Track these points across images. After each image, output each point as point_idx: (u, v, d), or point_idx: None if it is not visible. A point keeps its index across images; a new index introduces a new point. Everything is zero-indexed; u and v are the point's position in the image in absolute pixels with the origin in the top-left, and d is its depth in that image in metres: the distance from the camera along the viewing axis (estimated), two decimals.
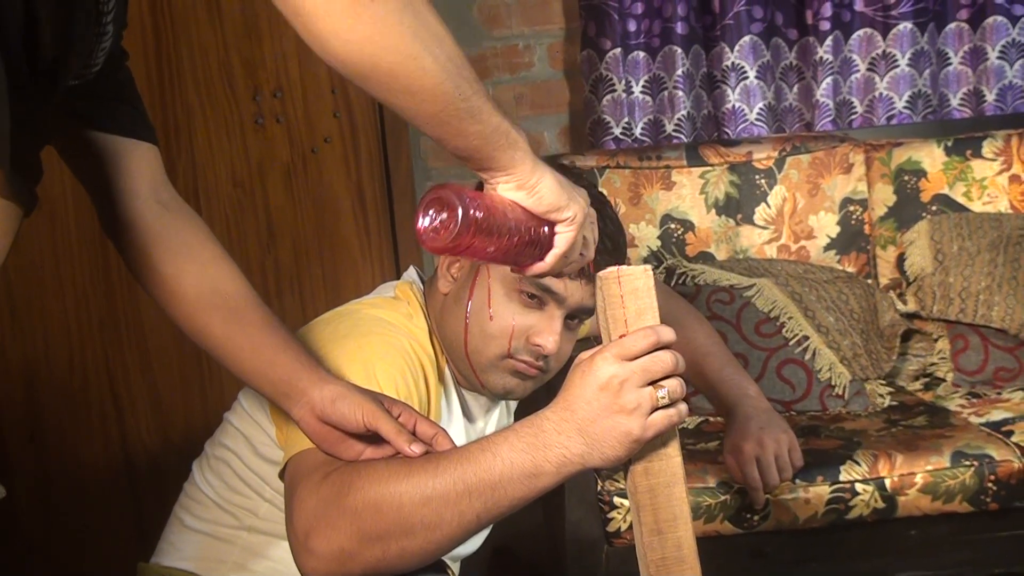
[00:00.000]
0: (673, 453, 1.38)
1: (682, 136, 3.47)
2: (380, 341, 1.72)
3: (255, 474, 1.81)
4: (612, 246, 1.78)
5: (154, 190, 1.57)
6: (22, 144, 1.16)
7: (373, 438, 1.51)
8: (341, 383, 1.54)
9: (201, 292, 1.57)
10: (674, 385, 1.34)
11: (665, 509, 1.38)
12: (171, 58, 3.43)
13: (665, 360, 1.32)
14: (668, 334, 1.34)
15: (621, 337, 1.33)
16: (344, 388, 1.52)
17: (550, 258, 1.37)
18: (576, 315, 1.82)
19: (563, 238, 1.36)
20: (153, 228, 1.56)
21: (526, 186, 1.30)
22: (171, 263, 1.56)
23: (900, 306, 3.17)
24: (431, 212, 1.27)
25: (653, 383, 1.33)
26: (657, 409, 1.33)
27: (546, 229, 1.35)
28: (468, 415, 1.93)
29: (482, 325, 1.79)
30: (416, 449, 1.46)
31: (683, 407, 1.36)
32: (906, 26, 3.45)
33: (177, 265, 1.57)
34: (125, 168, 1.53)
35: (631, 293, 1.34)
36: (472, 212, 1.25)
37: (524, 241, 1.32)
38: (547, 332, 1.78)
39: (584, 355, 1.37)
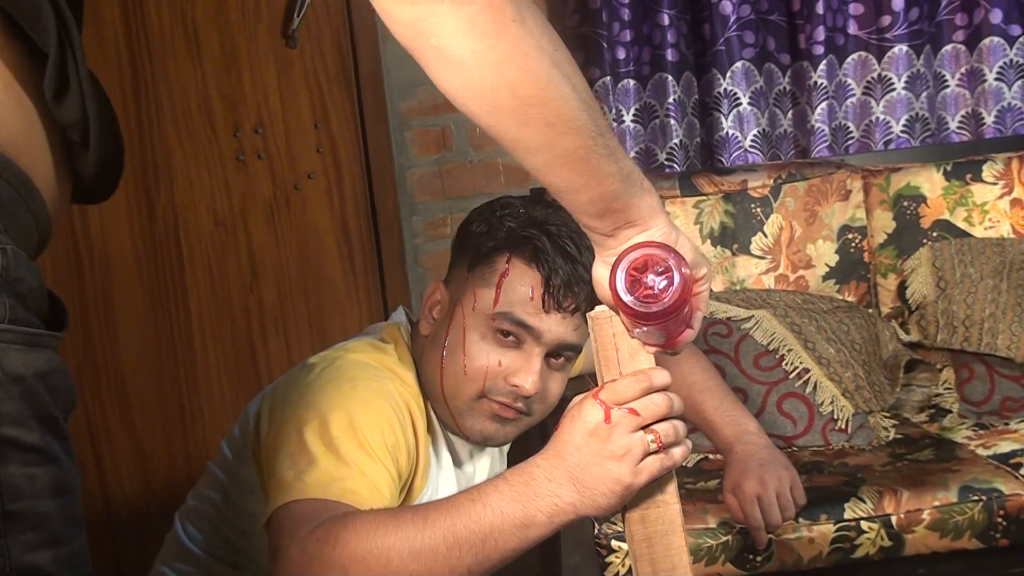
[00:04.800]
0: (671, 500, 1.35)
1: (675, 165, 3.44)
2: (367, 387, 1.69)
3: (239, 526, 1.78)
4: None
5: None
6: None
7: None
8: None
9: None
10: (667, 429, 1.31)
11: (663, 559, 1.34)
12: (149, 94, 3.42)
13: (658, 403, 1.29)
14: (661, 378, 1.30)
15: (613, 381, 1.30)
16: None
17: (696, 322, 1.30)
18: (558, 352, 1.77)
19: (703, 298, 1.29)
20: None
21: (669, 241, 1.22)
22: None
23: (903, 335, 3.15)
24: (636, 275, 1.18)
25: (645, 427, 1.29)
26: (650, 454, 1.29)
27: None
28: (457, 460, 1.90)
29: (456, 366, 1.75)
30: None
31: (677, 452, 1.33)
32: (901, 49, 3.45)
33: None
34: None
35: (623, 334, 1.30)
36: (684, 269, 1.17)
37: (687, 306, 1.24)
38: (525, 371, 1.73)
39: (575, 400, 1.34)
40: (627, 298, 1.17)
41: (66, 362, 1.11)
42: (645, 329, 1.23)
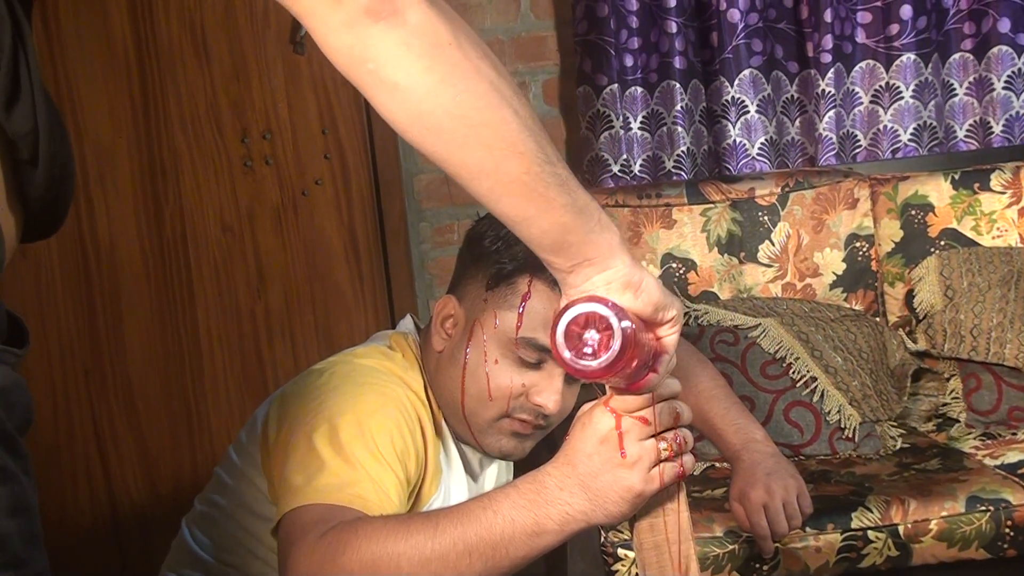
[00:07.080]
0: (680, 508, 1.34)
1: (682, 173, 3.43)
2: (375, 393, 1.68)
3: (247, 531, 1.76)
4: None
5: None
6: None
7: None
8: None
9: None
10: (678, 437, 1.30)
11: (672, 567, 1.34)
12: (158, 99, 3.41)
13: (668, 412, 1.28)
14: (671, 386, 1.30)
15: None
16: None
17: (663, 367, 1.25)
18: None
19: (670, 342, 1.24)
20: None
21: (632, 283, 1.17)
22: None
23: (910, 344, 3.14)
24: (577, 330, 1.12)
25: (656, 435, 1.28)
26: (661, 462, 1.28)
27: (651, 334, 1.22)
28: (468, 468, 1.88)
29: (479, 388, 1.73)
30: None
31: (689, 460, 1.32)
32: (909, 57, 3.44)
33: None
34: None
35: None
36: (624, 324, 1.10)
37: (649, 350, 1.19)
38: (548, 391, 1.72)
39: (585, 407, 1.33)
40: (566, 355, 1.11)
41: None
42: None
